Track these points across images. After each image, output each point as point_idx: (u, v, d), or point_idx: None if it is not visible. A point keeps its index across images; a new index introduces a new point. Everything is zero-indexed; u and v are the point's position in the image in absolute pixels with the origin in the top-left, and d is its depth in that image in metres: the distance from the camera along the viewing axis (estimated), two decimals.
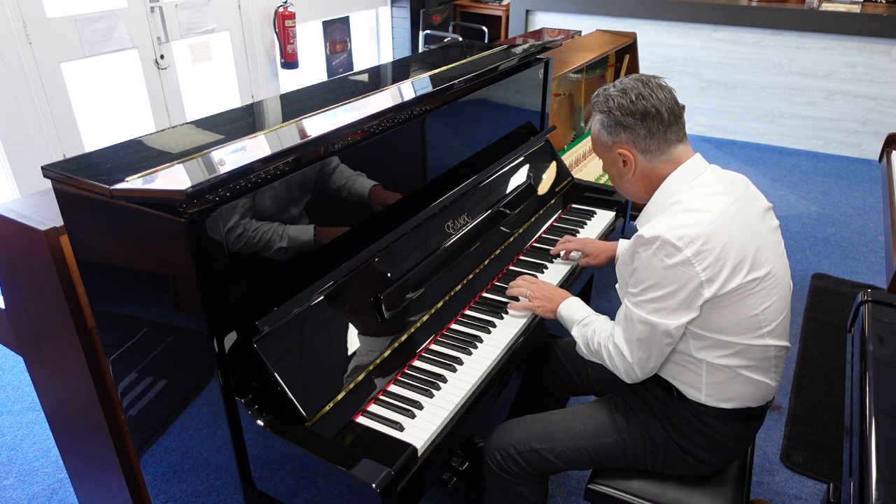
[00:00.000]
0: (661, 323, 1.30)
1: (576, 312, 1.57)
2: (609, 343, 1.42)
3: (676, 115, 1.36)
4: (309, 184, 1.35)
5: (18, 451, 2.27)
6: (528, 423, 1.55)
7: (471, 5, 5.98)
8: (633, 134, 1.36)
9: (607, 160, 1.45)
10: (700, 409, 1.40)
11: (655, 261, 1.27)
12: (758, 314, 1.31)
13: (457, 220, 1.74)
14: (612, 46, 3.21)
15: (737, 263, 1.26)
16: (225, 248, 1.16)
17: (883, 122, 4.85)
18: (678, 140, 1.37)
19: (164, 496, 1.56)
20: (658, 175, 1.38)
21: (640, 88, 1.35)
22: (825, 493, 1.49)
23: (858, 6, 4.85)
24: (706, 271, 1.25)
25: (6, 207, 1.40)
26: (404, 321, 1.49)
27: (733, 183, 1.38)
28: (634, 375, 1.40)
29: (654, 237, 1.26)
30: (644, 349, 1.35)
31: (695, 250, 1.24)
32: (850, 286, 3.26)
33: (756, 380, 1.37)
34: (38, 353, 1.61)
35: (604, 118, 1.39)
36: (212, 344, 1.18)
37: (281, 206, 1.28)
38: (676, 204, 1.32)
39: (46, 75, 3.21)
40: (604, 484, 1.48)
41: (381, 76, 1.98)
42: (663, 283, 1.28)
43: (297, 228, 1.33)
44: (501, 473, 1.53)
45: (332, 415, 1.26)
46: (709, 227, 1.25)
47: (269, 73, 4.54)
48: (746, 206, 1.34)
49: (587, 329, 1.51)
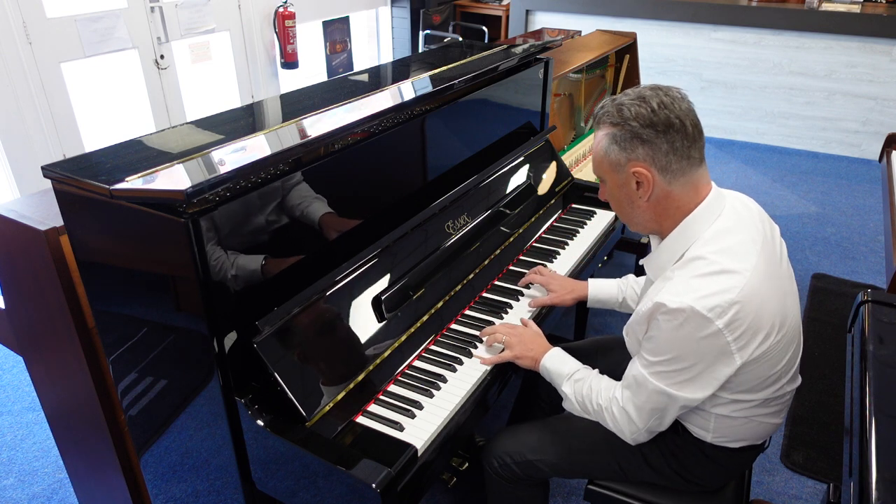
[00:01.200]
0: (682, 396, 1.20)
1: (563, 366, 1.44)
2: (613, 406, 1.32)
3: (699, 131, 1.19)
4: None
5: (18, 451, 2.27)
6: (525, 433, 1.51)
7: (471, 5, 5.98)
8: (652, 149, 1.17)
9: (615, 183, 1.26)
10: (706, 445, 1.36)
11: (682, 333, 1.14)
12: (779, 370, 1.25)
13: (457, 220, 1.74)
14: (612, 46, 3.21)
15: (768, 327, 1.17)
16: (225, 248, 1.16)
17: (883, 122, 4.85)
18: (700, 160, 1.21)
19: (164, 496, 1.56)
20: (675, 204, 1.22)
21: (660, 97, 1.18)
22: (825, 493, 1.49)
23: (858, 6, 4.85)
24: (738, 341, 1.14)
25: (6, 207, 1.40)
26: (404, 321, 1.49)
27: (751, 218, 1.25)
28: (642, 439, 1.33)
29: (680, 309, 1.13)
30: (657, 417, 1.26)
31: (727, 321, 1.12)
32: (850, 286, 3.26)
33: (767, 423, 1.34)
34: (38, 353, 1.61)
35: (616, 132, 1.20)
36: (212, 344, 1.18)
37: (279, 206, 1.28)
38: (700, 261, 1.17)
39: (46, 75, 3.21)
40: (603, 485, 1.48)
41: (381, 76, 1.98)
42: (689, 355, 1.16)
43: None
44: (499, 480, 1.52)
45: (332, 415, 1.26)
46: (741, 293, 1.12)
47: (269, 73, 4.54)
48: (769, 248, 1.24)
49: (580, 386, 1.39)
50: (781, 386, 1.29)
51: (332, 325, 1.34)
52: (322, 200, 1.38)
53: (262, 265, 1.25)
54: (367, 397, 1.35)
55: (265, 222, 1.25)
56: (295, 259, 1.33)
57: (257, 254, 1.24)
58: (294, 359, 1.24)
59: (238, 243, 1.19)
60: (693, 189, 1.21)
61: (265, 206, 1.25)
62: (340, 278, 1.38)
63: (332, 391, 1.28)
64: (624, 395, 1.30)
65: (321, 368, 1.28)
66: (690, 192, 1.21)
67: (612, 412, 1.33)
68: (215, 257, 1.14)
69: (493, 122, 2.02)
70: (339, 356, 1.33)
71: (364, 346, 1.38)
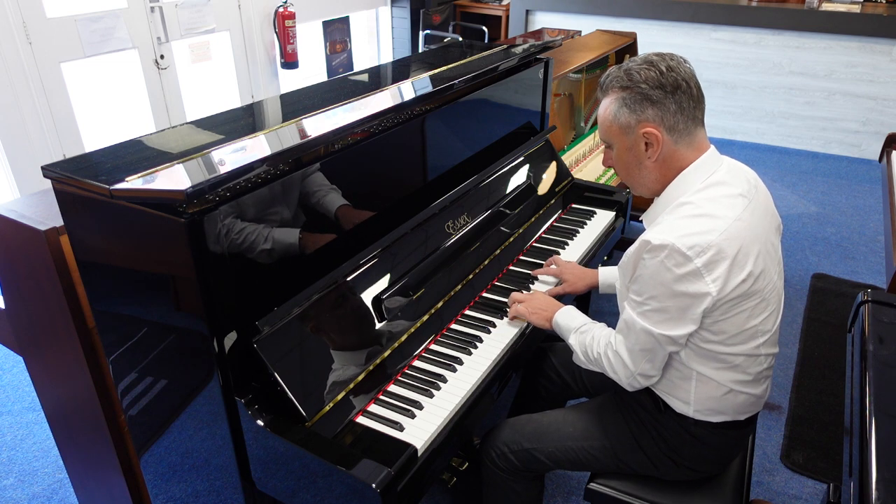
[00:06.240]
0: (666, 333, 1.25)
1: (572, 320, 1.50)
2: (609, 351, 1.37)
3: (702, 93, 1.27)
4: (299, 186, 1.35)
5: (18, 451, 2.27)
6: (522, 423, 1.56)
7: (471, 5, 5.98)
8: (662, 109, 1.24)
9: (623, 145, 1.31)
10: (689, 421, 1.38)
11: (663, 270, 1.20)
12: (757, 325, 1.28)
13: (457, 220, 1.74)
14: (612, 46, 3.21)
15: (745, 274, 1.21)
16: (224, 248, 1.16)
17: (883, 122, 4.85)
18: (702, 121, 1.29)
19: (164, 496, 1.56)
20: (678, 162, 1.29)
21: (667, 61, 1.25)
22: (825, 493, 1.49)
23: (858, 6, 4.85)
24: (715, 283, 1.19)
25: (6, 207, 1.40)
26: (404, 321, 1.49)
27: (747, 181, 1.31)
28: (637, 384, 1.37)
29: (662, 245, 1.19)
30: (647, 358, 1.31)
31: (706, 261, 1.17)
32: (850, 286, 3.26)
33: (746, 394, 1.35)
34: (38, 353, 1.61)
35: (626, 95, 1.26)
36: (212, 344, 1.18)
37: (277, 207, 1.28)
38: (687, 206, 1.25)
39: (46, 75, 3.21)
40: (603, 484, 1.48)
41: (381, 76, 1.98)
42: (669, 293, 1.22)
43: (283, 231, 1.33)
44: (496, 470, 1.55)
45: (332, 415, 1.26)
46: (721, 235, 1.18)
47: (269, 73, 4.54)
48: (759, 210, 1.29)
49: (585, 336, 1.45)
50: (758, 345, 1.30)
51: (332, 325, 1.34)
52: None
53: (262, 265, 1.25)
54: (367, 397, 1.35)
55: (266, 222, 1.25)
56: (295, 259, 1.33)
57: (257, 254, 1.24)
58: (294, 358, 1.24)
59: (238, 243, 1.19)
60: (696, 149, 1.29)
61: (265, 206, 1.25)
62: (340, 278, 1.38)
63: (332, 391, 1.28)
64: (617, 339, 1.36)
65: (321, 368, 1.28)
66: (693, 151, 1.29)
67: (609, 357, 1.37)
68: (215, 257, 1.14)
69: (494, 122, 2.02)
70: (339, 356, 1.33)
71: (364, 345, 1.38)
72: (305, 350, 1.27)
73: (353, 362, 1.34)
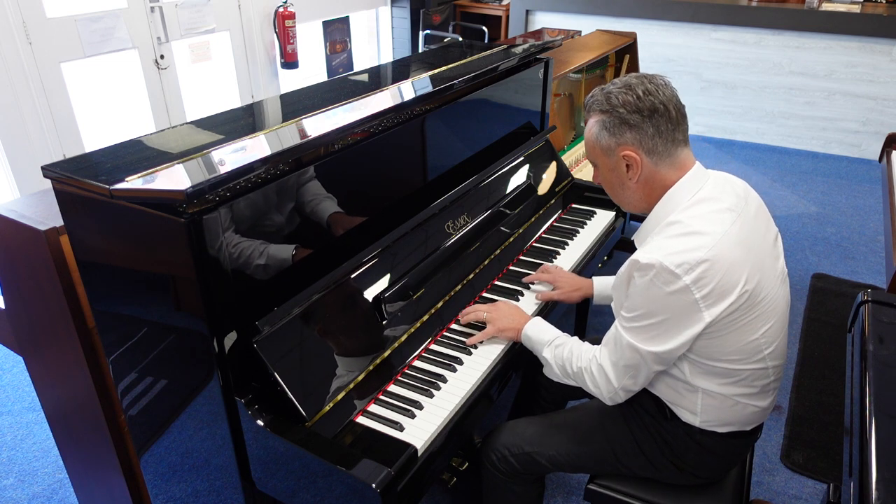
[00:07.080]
0: (652, 350, 1.25)
1: (544, 333, 1.47)
2: (592, 365, 1.35)
3: (682, 114, 1.28)
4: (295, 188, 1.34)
5: (18, 451, 2.27)
6: (523, 426, 1.55)
7: (471, 5, 5.98)
8: (639, 133, 1.26)
9: (606, 166, 1.34)
10: (695, 430, 1.38)
11: (652, 288, 1.20)
12: (758, 338, 1.27)
13: (457, 220, 1.74)
14: (612, 46, 3.21)
15: (738, 290, 1.20)
16: (225, 248, 1.16)
17: (883, 122, 4.85)
18: (684, 141, 1.29)
19: (164, 496, 1.56)
20: (661, 182, 1.29)
21: (645, 84, 1.26)
22: (825, 493, 1.49)
23: (858, 6, 4.85)
24: (706, 300, 1.18)
25: (6, 207, 1.40)
26: (404, 321, 1.49)
27: (735, 194, 1.31)
28: (618, 398, 1.36)
29: (650, 264, 1.19)
30: (631, 374, 1.30)
31: (694, 277, 1.17)
32: (850, 286, 3.26)
33: (752, 406, 1.35)
34: (38, 353, 1.61)
35: (605, 118, 1.29)
36: (212, 344, 1.18)
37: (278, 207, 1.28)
38: (675, 225, 1.24)
39: (46, 75, 3.21)
40: (603, 484, 1.48)
41: (381, 76, 1.98)
42: (658, 310, 1.21)
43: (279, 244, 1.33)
44: (496, 473, 1.54)
45: (332, 415, 1.26)
46: (710, 252, 1.17)
47: (269, 73, 4.54)
48: (749, 222, 1.28)
49: (562, 350, 1.43)
50: (763, 358, 1.29)
51: (332, 325, 1.34)
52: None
53: (262, 265, 1.25)
54: (367, 397, 1.35)
55: (265, 222, 1.25)
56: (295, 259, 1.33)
57: (257, 254, 1.24)
58: (294, 359, 1.24)
59: (238, 244, 1.19)
60: (679, 168, 1.30)
61: (265, 206, 1.25)
62: (340, 278, 1.38)
63: (332, 391, 1.28)
64: (602, 353, 1.35)
65: (321, 368, 1.28)
66: (676, 171, 1.29)
67: (592, 371, 1.36)
68: (215, 257, 1.14)
69: (494, 122, 2.02)
70: (339, 356, 1.33)
71: (364, 345, 1.38)
72: (305, 350, 1.27)
73: (353, 362, 1.34)
